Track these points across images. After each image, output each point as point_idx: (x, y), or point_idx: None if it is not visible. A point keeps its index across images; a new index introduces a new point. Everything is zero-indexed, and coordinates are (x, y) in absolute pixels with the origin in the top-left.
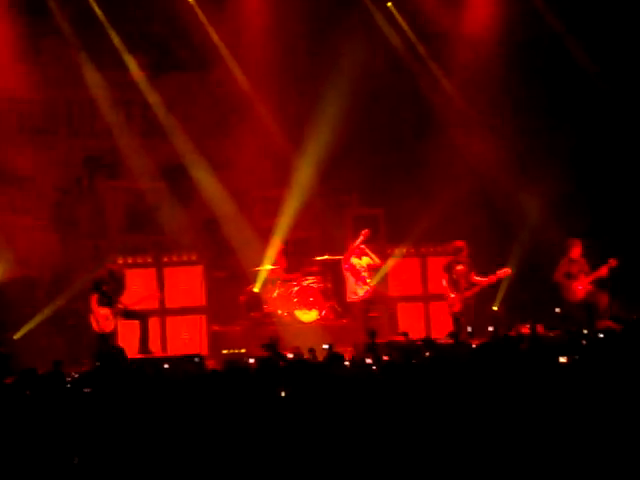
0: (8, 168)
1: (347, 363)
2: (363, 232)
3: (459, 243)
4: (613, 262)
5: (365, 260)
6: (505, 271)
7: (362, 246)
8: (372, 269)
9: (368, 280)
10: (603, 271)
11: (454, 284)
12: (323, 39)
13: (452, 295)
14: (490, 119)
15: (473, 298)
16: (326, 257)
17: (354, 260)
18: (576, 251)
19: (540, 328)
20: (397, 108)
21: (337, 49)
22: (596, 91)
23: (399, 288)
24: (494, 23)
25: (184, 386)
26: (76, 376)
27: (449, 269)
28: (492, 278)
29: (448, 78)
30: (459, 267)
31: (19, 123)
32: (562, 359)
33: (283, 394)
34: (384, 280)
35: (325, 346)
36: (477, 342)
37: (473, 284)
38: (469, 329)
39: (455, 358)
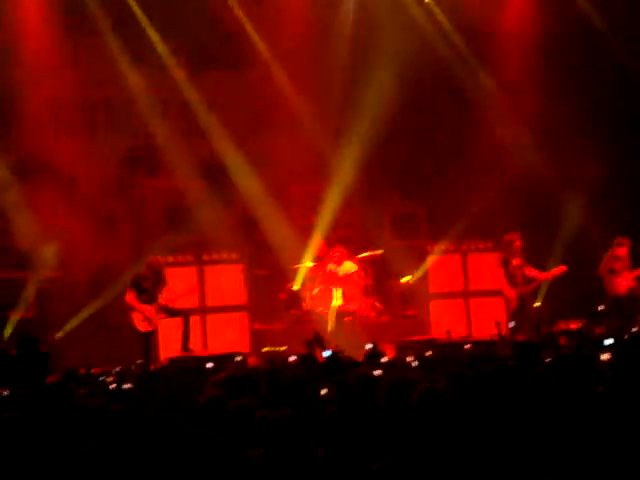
0: (48, 168)
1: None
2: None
3: (511, 235)
4: None
5: (348, 265)
6: (560, 268)
7: (337, 253)
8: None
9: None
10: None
11: (511, 279)
12: (363, 35)
13: (509, 292)
14: (532, 114)
15: (531, 294)
16: (367, 254)
17: (330, 267)
18: (623, 250)
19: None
20: (438, 104)
21: (378, 44)
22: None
23: (439, 284)
24: (534, 17)
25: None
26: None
27: (505, 264)
28: (548, 274)
29: (489, 74)
30: (515, 261)
31: (59, 123)
32: (604, 356)
33: (323, 392)
34: (424, 277)
35: (369, 345)
36: (521, 338)
37: (530, 279)
38: (512, 324)
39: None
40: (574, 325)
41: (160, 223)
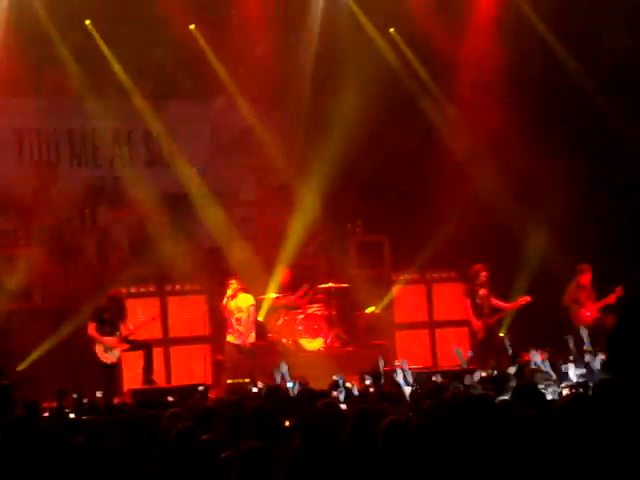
0: (10, 198)
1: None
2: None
3: (477, 266)
4: (620, 291)
5: (242, 299)
6: (525, 298)
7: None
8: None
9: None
10: (611, 299)
11: (478, 310)
12: (327, 64)
13: (476, 322)
14: (495, 143)
15: (497, 324)
16: (330, 285)
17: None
18: (586, 277)
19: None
20: (402, 133)
21: (342, 74)
22: (605, 114)
23: (405, 314)
24: (495, 46)
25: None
26: None
27: (472, 295)
28: (513, 305)
29: (451, 102)
30: (482, 291)
31: (21, 153)
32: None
33: (287, 424)
34: (389, 307)
35: (336, 377)
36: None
37: (496, 309)
38: (470, 354)
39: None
40: (542, 355)
41: (123, 254)
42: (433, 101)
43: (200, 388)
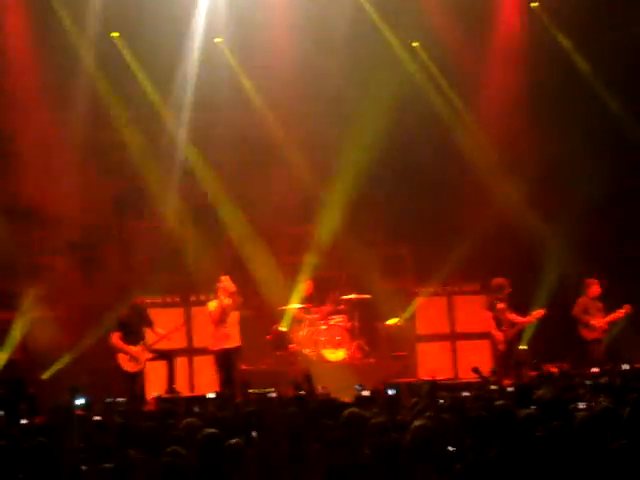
0: (37, 208)
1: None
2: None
3: (501, 280)
4: (628, 308)
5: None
6: (539, 312)
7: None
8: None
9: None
10: (619, 314)
11: (497, 322)
12: (352, 78)
13: (497, 334)
14: (519, 160)
15: (516, 337)
16: (353, 296)
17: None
18: (594, 290)
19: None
20: (425, 147)
21: (366, 87)
22: (627, 133)
23: (425, 326)
24: (519, 61)
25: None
26: None
27: (492, 307)
28: (530, 319)
29: (473, 116)
30: (500, 305)
31: (48, 164)
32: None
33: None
34: (411, 318)
35: (357, 387)
36: (507, 382)
37: (513, 323)
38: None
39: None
40: (554, 369)
41: (148, 264)
42: (456, 115)
43: (210, 395)
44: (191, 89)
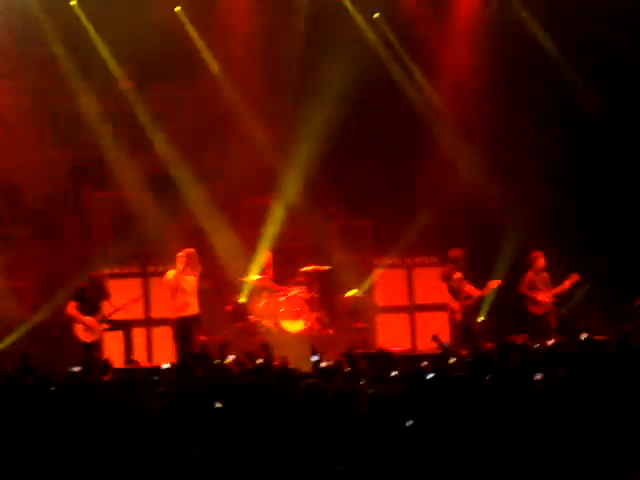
0: None
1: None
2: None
3: (457, 252)
4: (575, 277)
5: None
6: (495, 282)
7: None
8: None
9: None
10: (565, 285)
11: (454, 293)
12: (313, 49)
13: (454, 304)
14: (475, 127)
15: (473, 308)
16: (312, 268)
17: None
18: (540, 263)
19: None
20: (386, 119)
21: (327, 59)
22: (583, 95)
23: (385, 298)
24: (478, 31)
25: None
26: None
27: (448, 278)
28: (485, 290)
29: (433, 86)
30: (457, 275)
31: (5, 132)
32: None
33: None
34: (371, 290)
35: (314, 358)
36: (463, 352)
37: (469, 295)
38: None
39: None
40: (518, 340)
41: (106, 234)
42: (416, 87)
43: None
44: (150, 58)
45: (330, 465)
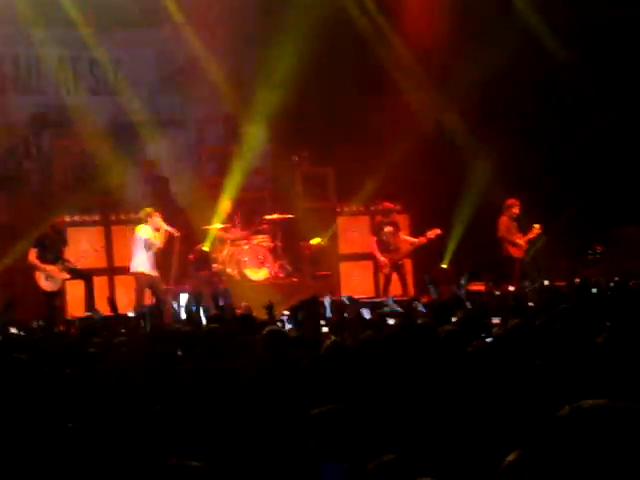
0: None
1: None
2: None
3: (388, 204)
4: (539, 228)
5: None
6: (435, 231)
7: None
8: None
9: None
10: (534, 234)
11: (383, 245)
12: None
13: (382, 257)
14: (439, 75)
15: (403, 260)
16: (276, 216)
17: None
18: (515, 210)
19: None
20: (347, 66)
21: (290, 5)
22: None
23: (349, 246)
24: None
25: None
26: None
27: (378, 230)
28: (422, 239)
29: (397, 35)
30: (387, 229)
31: None
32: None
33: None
34: (334, 238)
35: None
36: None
37: (397, 247)
38: None
39: None
40: (480, 287)
41: (67, 182)
42: (381, 36)
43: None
44: (110, 5)
45: (291, 410)
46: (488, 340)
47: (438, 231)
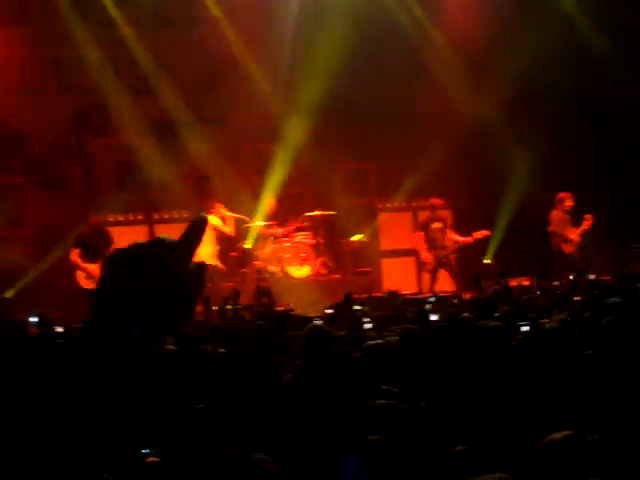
0: None
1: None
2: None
3: (436, 200)
4: (590, 218)
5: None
6: (482, 232)
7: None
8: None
9: None
10: (586, 226)
11: (430, 242)
12: None
13: (426, 253)
14: (486, 76)
15: (449, 257)
16: (318, 213)
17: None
18: (568, 204)
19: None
20: (389, 63)
21: (331, 4)
22: (592, 44)
23: (390, 242)
24: None
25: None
26: None
27: (425, 227)
28: (469, 239)
29: (440, 31)
30: (435, 225)
31: (6, 81)
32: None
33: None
34: (376, 234)
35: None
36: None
37: (444, 245)
38: None
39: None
40: (525, 282)
41: (110, 181)
42: (422, 33)
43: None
44: (151, 4)
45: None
46: (534, 334)
47: (486, 232)
